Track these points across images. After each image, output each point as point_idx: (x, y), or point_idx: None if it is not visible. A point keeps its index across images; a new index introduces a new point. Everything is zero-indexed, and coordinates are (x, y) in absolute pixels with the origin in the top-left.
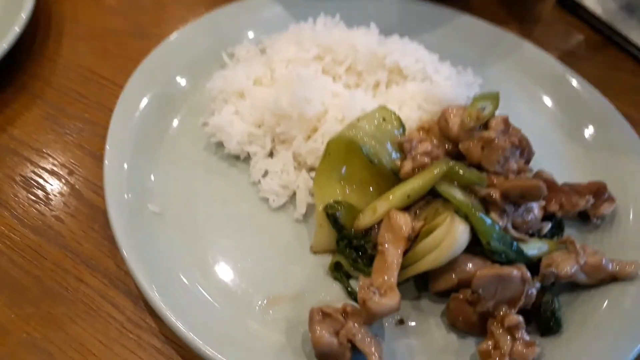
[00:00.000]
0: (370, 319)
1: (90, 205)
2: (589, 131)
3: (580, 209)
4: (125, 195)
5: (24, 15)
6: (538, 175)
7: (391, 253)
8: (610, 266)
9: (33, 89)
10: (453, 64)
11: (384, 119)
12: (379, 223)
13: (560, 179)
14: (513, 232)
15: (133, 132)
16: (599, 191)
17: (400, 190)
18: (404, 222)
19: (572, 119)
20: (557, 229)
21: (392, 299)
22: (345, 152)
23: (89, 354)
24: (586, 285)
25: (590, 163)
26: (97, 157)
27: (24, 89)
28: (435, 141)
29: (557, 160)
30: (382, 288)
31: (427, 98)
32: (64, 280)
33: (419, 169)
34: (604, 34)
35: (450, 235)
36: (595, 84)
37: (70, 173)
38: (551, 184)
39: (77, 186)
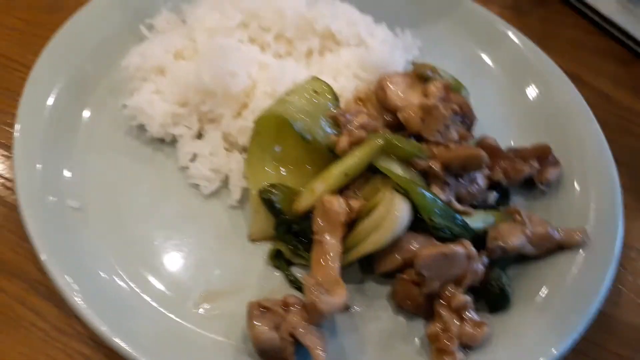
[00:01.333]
0: (321, 319)
1: (2, 202)
2: (531, 91)
3: (526, 176)
4: (40, 192)
5: None
6: (482, 141)
7: (329, 243)
8: (557, 235)
9: None
10: (389, 26)
11: (315, 91)
12: None
13: (504, 143)
14: (457, 205)
15: (44, 120)
16: (543, 154)
17: (337, 169)
18: (340, 207)
19: (514, 79)
20: (503, 198)
21: (340, 295)
22: (276, 130)
23: None
24: (534, 256)
25: (533, 125)
26: (6, 148)
27: None
28: (373, 112)
29: (500, 123)
30: (327, 284)
31: (363, 65)
32: None
33: (356, 143)
34: None
35: (391, 214)
36: (537, 40)
37: None
38: (495, 150)
39: None
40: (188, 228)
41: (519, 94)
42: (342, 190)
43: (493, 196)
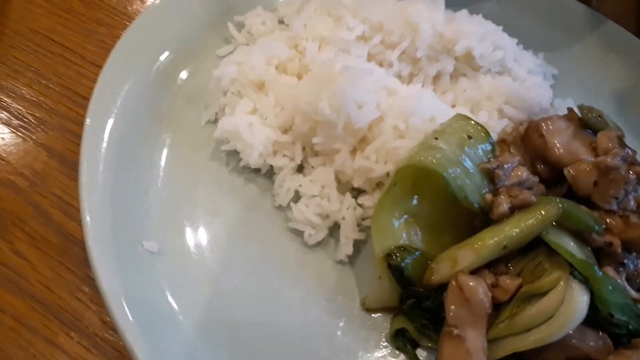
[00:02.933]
0: None
1: (60, 233)
2: None
3: None
4: (111, 229)
5: None
6: None
7: (474, 339)
8: None
9: None
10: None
11: (469, 137)
12: None
13: None
14: (633, 293)
15: (114, 136)
16: None
17: (493, 237)
18: (485, 295)
19: None
20: None
21: None
22: (413, 181)
23: None
24: None
25: None
26: (66, 163)
27: None
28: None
29: None
30: None
31: (510, 100)
32: (29, 345)
33: (519, 207)
34: None
35: (568, 306)
36: None
37: (32, 185)
38: None
39: (41, 205)
40: (285, 287)
41: None
42: (491, 264)
43: None
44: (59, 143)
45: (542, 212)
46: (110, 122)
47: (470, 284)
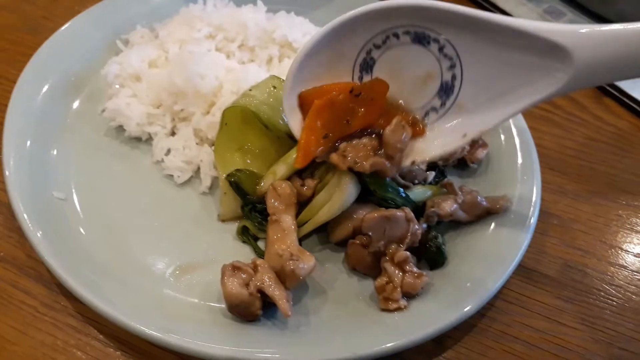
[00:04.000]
0: (297, 283)
1: None
2: None
3: (458, 156)
4: (28, 185)
5: None
6: None
7: (286, 220)
8: (484, 202)
9: None
10: None
11: (274, 87)
12: None
13: None
14: (400, 180)
15: (31, 123)
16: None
17: (295, 152)
18: (291, 189)
19: None
20: (440, 176)
21: (309, 260)
22: (241, 121)
23: (4, 342)
24: (466, 222)
25: None
26: None
27: None
28: None
29: None
30: (294, 254)
31: None
32: None
33: None
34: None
35: (340, 188)
36: None
37: None
38: None
39: None
40: (165, 213)
41: None
42: (300, 172)
43: (431, 175)
44: None
45: None
46: (25, 117)
47: (281, 184)
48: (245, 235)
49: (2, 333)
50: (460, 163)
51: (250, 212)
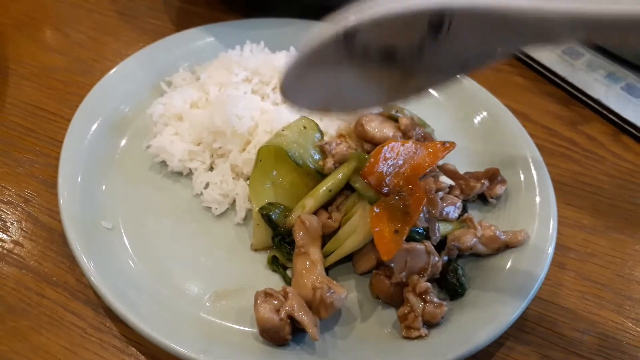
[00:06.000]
0: (333, 313)
1: (47, 229)
2: (481, 125)
3: (478, 192)
4: (80, 215)
5: None
6: (442, 166)
7: (313, 252)
8: (503, 236)
9: None
10: None
11: (304, 127)
12: None
13: (462, 168)
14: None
15: (83, 158)
16: (493, 175)
17: (323, 187)
18: (317, 223)
19: (467, 115)
20: (461, 211)
21: (342, 290)
22: (274, 158)
23: (55, 359)
24: (486, 255)
25: (486, 155)
26: (51, 185)
27: None
28: (352, 144)
29: (458, 154)
30: (331, 286)
31: None
32: (26, 297)
33: (339, 163)
34: None
35: (364, 221)
36: (490, 86)
37: (26, 201)
38: (453, 173)
39: (33, 213)
40: (203, 242)
41: (471, 128)
42: (327, 205)
43: (453, 211)
44: (45, 173)
45: (348, 163)
46: (78, 153)
47: (309, 218)
48: (275, 264)
49: (54, 352)
50: (481, 198)
51: (280, 243)
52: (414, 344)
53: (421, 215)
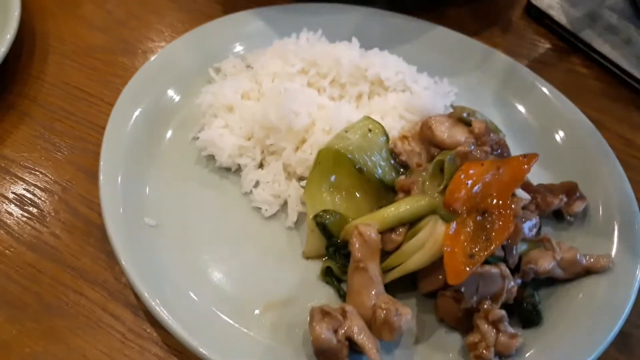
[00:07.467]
0: (398, 335)
1: (85, 221)
2: (559, 135)
3: (555, 208)
4: (122, 210)
5: (9, 36)
6: None
7: (372, 268)
8: (584, 260)
9: (21, 107)
10: (430, 74)
11: (369, 130)
12: None
13: (535, 180)
14: None
15: (125, 148)
16: (571, 190)
17: (390, 215)
18: (377, 236)
19: (543, 124)
20: (539, 231)
21: (407, 311)
22: (333, 161)
23: None
24: (563, 280)
25: (562, 165)
26: (90, 174)
27: (12, 108)
28: (416, 147)
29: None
30: (398, 308)
31: (408, 108)
32: (63, 295)
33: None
34: (569, 42)
35: (434, 236)
36: (563, 89)
37: (64, 190)
38: (527, 186)
39: (71, 202)
40: (250, 246)
41: (548, 136)
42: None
43: (528, 228)
44: (84, 160)
45: (422, 200)
46: (121, 141)
47: (368, 230)
48: (329, 276)
49: (93, 357)
50: (556, 215)
51: (335, 254)
52: None
53: None
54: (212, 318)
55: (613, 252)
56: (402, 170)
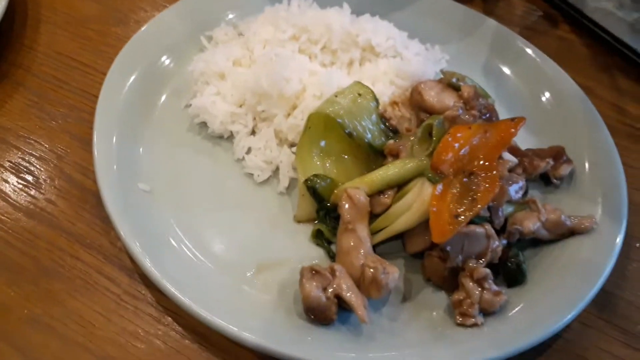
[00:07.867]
0: (385, 294)
1: (80, 188)
2: (548, 101)
3: (542, 171)
4: (116, 176)
5: (0, 6)
6: None
7: (360, 229)
8: (568, 222)
9: (14, 77)
10: (421, 41)
11: (359, 94)
12: None
13: (523, 145)
14: None
15: (118, 116)
16: (558, 154)
17: (379, 178)
18: (365, 198)
19: (532, 90)
20: (525, 194)
21: (395, 270)
22: (324, 126)
23: (90, 325)
24: (548, 240)
25: (550, 130)
26: (84, 142)
27: (5, 78)
28: (406, 113)
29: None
30: (385, 266)
31: (399, 74)
32: (60, 259)
33: (401, 149)
34: (560, 9)
35: (421, 198)
36: (553, 56)
37: (59, 158)
38: (515, 150)
39: (66, 170)
40: (243, 211)
41: (536, 102)
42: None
43: (514, 190)
44: (79, 128)
45: (410, 162)
46: (114, 109)
47: (357, 193)
48: (319, 239)
49: (89, 318)
50: (543, 178)
51: (325, 217)
52: (467, 332)
53: None
54: (206, 279)
55: (597, 215)
56: (392, 135)
